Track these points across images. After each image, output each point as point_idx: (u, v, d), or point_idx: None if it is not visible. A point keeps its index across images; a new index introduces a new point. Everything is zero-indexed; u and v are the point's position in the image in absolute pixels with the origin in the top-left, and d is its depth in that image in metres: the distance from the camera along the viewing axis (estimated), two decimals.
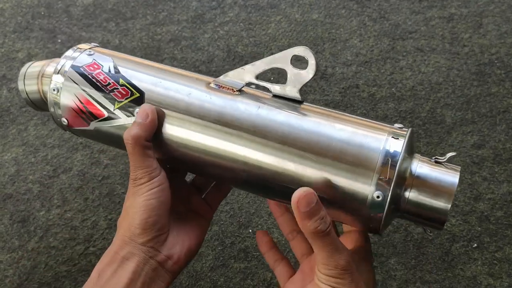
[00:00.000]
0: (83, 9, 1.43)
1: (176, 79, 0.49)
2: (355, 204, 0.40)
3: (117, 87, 0.48)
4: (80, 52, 0.51)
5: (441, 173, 0.40)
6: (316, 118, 0.43)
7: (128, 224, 0.46)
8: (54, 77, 0.50)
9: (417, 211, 0.41)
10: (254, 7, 1.39)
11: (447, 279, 0.89)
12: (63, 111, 0.50)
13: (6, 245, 0.99)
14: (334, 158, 0.40)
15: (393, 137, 0.40)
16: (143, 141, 0.46)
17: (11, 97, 1.24)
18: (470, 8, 1.32)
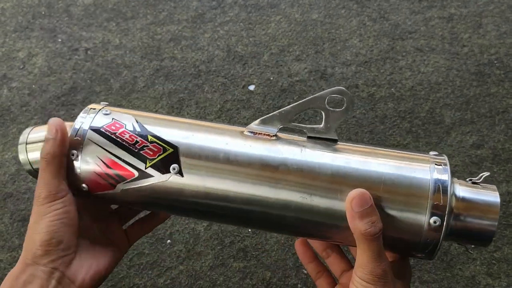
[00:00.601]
0: (84, 9, 1.43)
1: (207, 131, 0.47)
2: (412, 232, 0.41)
3: (146, 144, 0.45)
4: (95, 113, 0.48)
5: (483, 195, 0.42)
6: (359, 155, 0.44)
7: (30, 245, 0.45)
8: (72, 142, 0.46)
9: (465, 232, 0.42)
10: (254, 7, 1.39)
11: (445, 278, 0.89)
12: (83, 177, 0.46)
13: (6, 244, 0.99)
14: (386, 192, 0.41)
15: (436, 165, 0.42)
16: (61, 157, 0.45)
17: (12, 97, 1.24)
18: (469, 8, 1.32)
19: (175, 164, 0.44)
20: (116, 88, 1.24)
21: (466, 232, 0.42)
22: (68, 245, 0.46)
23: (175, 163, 0.44)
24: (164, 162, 0.44)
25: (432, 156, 0.44)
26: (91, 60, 1.30)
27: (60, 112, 1.20)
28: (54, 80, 1.27)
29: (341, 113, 0.44)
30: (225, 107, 1.17)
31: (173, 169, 0.44)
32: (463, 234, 0.43)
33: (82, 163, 0.46)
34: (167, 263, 0.94)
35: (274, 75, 1.23)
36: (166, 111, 1.18)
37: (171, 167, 0.44)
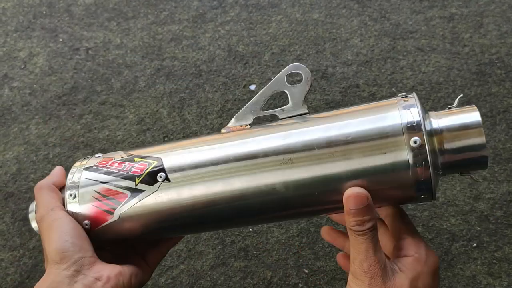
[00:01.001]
0: (85, 8, 1.43)
1: (190, 141, 0.50)
2: (400, 175, 0.41)
3: (133, 165, 0.48)
4: (88, 159, 0.52)
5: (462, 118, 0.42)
6: (329, 118, 0.45)
7: (48, 256, 0.47)
8: (68, 184, 0.50)
9: (459, 161, 0.42)
10: (255, 6, 1.39)
11: (446, 278, 0.89)
12: (84, 214, 0.49)
13: (7, 244, 0.99)
14: (360, 148, 0.41)
15: (405, 107, 0.43)
16: (48, 184, 0.51)
17: (13, 96, 1.25)
18: (470, 8, 1.32)
19: (161, 173, 0.47)
20: (117, 87, 1.24)
21: (460, 161, 0.42)
22: (84, 248, 0.47)
23: (161, 171, 0.47)
24: (151, 174, 0.47)
25: (400, 98, 0.44)
26: (92, 59, 1.31)
27: (61, 111, 1.20)
28: (55, 80, 1.27)
29: (302, 86, 0.47)
30: (226, 107, 1.17)
31: (160, 177, 0.46)
32: (458, 163, 0.42)
33: (80, 200, 0.49)
34: (168, 262, 0.94)
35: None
36: (167, 111, 1.18)
37: (157, 176, 0.47)
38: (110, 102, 1.21)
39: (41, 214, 0.48)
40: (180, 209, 0.47)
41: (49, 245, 0.46)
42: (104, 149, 1.13)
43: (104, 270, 0.46)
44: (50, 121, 1.19)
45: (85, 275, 0.45)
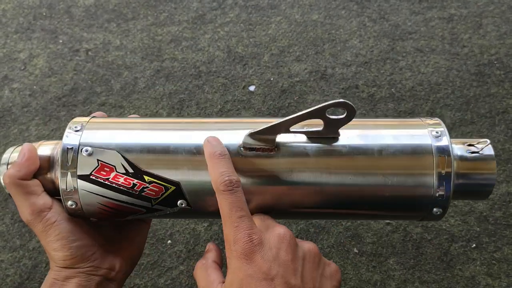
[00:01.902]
0: (85, 10, 1.44)
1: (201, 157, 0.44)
2: (422, 195, 0.43)
3: (145, 185, 0.43)
4: (76, 153, 0.44)
5: (478, 150, 0.45)
6: (356, 135, 0.45)
7: (55, 260, 0.45)
8: (65, 194, 0.44)
9: (467, 188, 0.45)
10: (254, 7, 1.39)
11: (445, 279, 0.89)
12: (90, 215, 0.46)
13: (7, 245, 0.99)
14: (392, 161, 0.43)
15: (433, 129, 0.45)
16: (16, 180, 0.43)
17: (13, 97, 1.25)
18: (469, 8, 1.32)
19: (181, 200, 0.44)
20: (117, 89, 1.24)
21: (468, 189, 0.45)
22: (90, 245, 0.46)
23: (181, 199, 0.44)
24: (169, 199, 0.44)
25: (426, 120, 0.47)
26: (92, 61, 1.31)
27: (61, 112, 1.20)
28: (55, 81, 1.27)
29: (342, 120, 0.44)
30: (225, 108, 1.18)
31: (181, 204, 0.44)
32: (466, 191, 0.45)
33: (85, 209, 0.45)
34: (168, 263, 0.94)
35: (274, 75, 1.23)
36: (166, 112, 1.18)
37: (178, 202, 0.44)
38: (110, 103, 1.21)
39: (27, 219, 0.44)
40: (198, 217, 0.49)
41: (54, 252, 0.44)
42: None
43: (115, 258, 0.47)
44: (50, 122, 1.19)
45: (99, 268, 0.45)
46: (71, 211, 0.45)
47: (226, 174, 0.40)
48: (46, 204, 0.44)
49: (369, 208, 0.45)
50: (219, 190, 0.40)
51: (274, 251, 0.38)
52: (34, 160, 0.45)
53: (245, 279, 0.37)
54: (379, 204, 0.44)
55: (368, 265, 0.92)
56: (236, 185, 0.40)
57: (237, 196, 0.39)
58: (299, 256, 0.39)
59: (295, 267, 0.38)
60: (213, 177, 0.40)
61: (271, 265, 0.37)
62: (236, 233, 0.38)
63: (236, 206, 0.39)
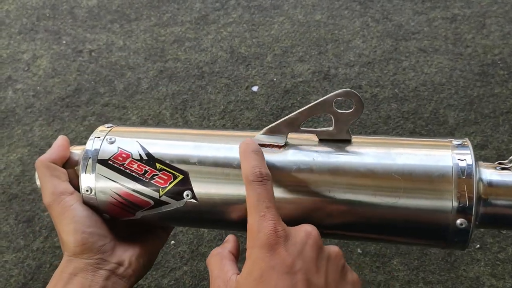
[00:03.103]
0: (88, 11, 1.44)
1: (214, 150, 0.46)
2: (440, 221, 0.40)
3: (156, 173, 0.45)
4: (101, 141, 0.48)
5: (508, 176, 0.41)
6: (376, 150, 0.43)
7: (66, 245, 0.45)
8: (83, 178, 0.47)
9: (496, 217, 0.41)
10: (257, 8, 1.39)
11: (450, 279, 0.89)
12: (103, 208, 0.47)
13: (11, 245, 1.00)
14: (409, 183, 0.40)
15: (458, 149, 0.41)
16: (47, 161, 0.46)
17: (17, 98, 1.25)
18: (473, 8, 1.32)
19: (188, 191, 0.45)
20: (120, 89, 1.24)
21: (499, 218, 0.41)
22: (103, 234, 0.46)
23: (187, 189, 0.45)
24: (176, 189, 0.45)
25: (453, 141, 0.43)
26: (95, 61, 1.31)
27: (65, 113, 1.21)
28: (58, 82, 1.27)
29: (351, 114, 0.43)
30: (228, 108, 1.18)
31: (187, 196, 0.45)
32: (496, 220, 0.42)
33: (98, 197, 0.46)
34: (171, 263, 0.94)
35: (277, 76, 1.23)
36: (169, 113, 1.18)
37: (184, 193, 0.45)
38: (113, 103, 1.21)
39: (48, 200, 0.46)
40: (204, 220, 0.48)
41: (66, 236, 0.45)
42: None
43: (125, 254, 0.47)
44: (53, 123, 1.19)
45: (108, 262, 0.45)
46: (86, 199, 0.47)
47: (257, 167, 0.40)
48: (68, 189, 0.46)
49: (375, 231, 0.43)
50: (249, 180, 0.39)
51: (299, 246, 0.37)
52: (65, 148, 0.48)
53: (266, 270, 0.36)
54: (388, 227, 0.42)
55: (372, 265, 0.92)
56: (267, 177, 0.40)
57: (267, 188, 0.39)
58: (324, 256, 0.38)
59: (319, 266, 0.37)
60: (245, 169, 0.40)
61: (295, 259, 0.36)
62: (261, 222, 0.38)
63: (264, 197, 0.39)
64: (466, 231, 0.39)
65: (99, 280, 0.44)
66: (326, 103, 0.42)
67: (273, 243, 0.37)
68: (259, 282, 0.36)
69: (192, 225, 0.51)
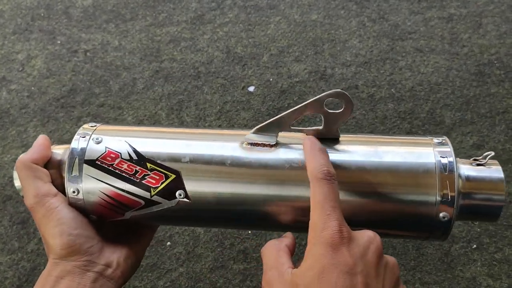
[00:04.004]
0: (83, 11, 1.43)
1: (206, 148, 0.46)
2: (424, 215, 0.42)
3: (147, 173, 0.44)
4: (86, 141, 0.46)
5: (487, 172, 0.44)
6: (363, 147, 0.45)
7: (51, 248, 0.44)
8: (69, 179, 0.45)
9: (474, 210, 0.44)
10: (253, 8, 1.39)
11: (446, 280, 0.89)
12: (90, 209, 0.46)
13: (5, 247, 0.99)
14: (395, 180, 0.42)
15: (439, 147, 0.44)
16: (28, 162, 0.44)
17: (11, 99, 1.24)
18: (469, 8, 1.32)
19: (180, 190, 0.44)
20: (115, 89, 1.23)
21: (475, 210, 0.44)
22: (90, 236, 0.45)
23: (180, 189, 0.44)
24: (168, 188, 0.44)
25: (434, 140, 0.46)
26: (90, 62, 1.30)
27: (59, 114, 1.20)
28: (53, 82, 1.27)
29: (341, 114, 0.44)
30: (224, 109, 1.17)
31: (179, 195, 0.44)
32: (472, 212, 0.44)
33: (86, 198, 0.45)
34: (167, 265, 0.94)
35: (273, 76, 1.22)
36: (165, 113, 1.18)
37: (176, 193, 0.44)
38: (109, 104, 1.21)
39: (31, 202, 0.44)
40: (196, 219, 0.47)
41: (52, 239, 0.43)
42: None
43: (113, 256, 0.46)
44: (48, 123, 1.19)
45: (95, 263, 0.44)
46: (72, 200, 0.45)
47: (325, 165, 0.40)
48: (51, 190, 0.45)
49: (363, 226, 0.43)
50: (317, 177, 0.39)
51: (362, 249, 0.37)
52: (47, 147, 0.47)
53: (327, 267, 0.36)
54: (376, 222, 0.43)
55: None
56: (334, 177, 0.40)
57: (334, 187, 0.39)
58: (383, 264, 0.39)
59: (379, 272, 0.38)
60: (312, 166, 0.40)
61: (357, 261, 0.37)
62: (327, 220, 0.38)
63: (331, 196, 0.39)
64: (449, 222, 0.42)
65: (86, 283, 0.43)
66: (317, 103, 0.43)
67: (337, 242, 0.37)
68: (319, 277, 0.36)
69: (182, 223, 0.50)
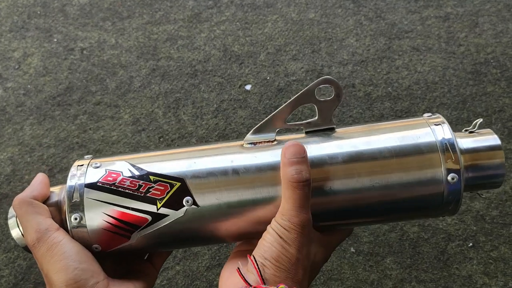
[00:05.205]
0: (79, 8, 1.43)
1: (207, 154, 0.45)
2: (433, 194, 0.43)
3: (151, 185, 0.43)
4: (85, 168, 0.45)
5: (484, 141, 0.45)
6: (362, 136, 0.45)
7: (55, 284, 0.41)
8: (71, 206, 0.43)
9: (477, 180, 0.45)
10: (250, 6, 1.39)
11: (442, 278, 0.89)
12: (93, 238, 0.43)
13: (2, 245, 0.99)
14: (399, 163, 0.43)
15: (436, 125, 0.44)
16: (28, 198, 0.43)
17: (7, 97, 1.24)
18: (466, 7, 1.32)
19: (187, 197, 0.43)
20: (112, 88, 1.23)
21: (478, 180, 0.45)
22: (96, 271, 0.43)
23: (186, 195, 0.43)
24: (175, 198, 0.43)
25: (428, 118, 0.46)
26: (87, 60, 1.30)
27: (56, 112, 1.20)
28: (49, 80, 1.26)
29: (332, 101, 0.45)
30: (221, 107, 1.17)
31: (187, 202, 0.43)
32: (476, 182, 0.45)
33: (89, 224, 0.43)
34: (164, 263, 0.94)
35: (270, 74, 1.22)
36: (162, 111, 1.17)
37: (184, 200, 0.43)
38: (105, 102, 1.20)
39: (32, 238, 0.42)
40: (208, 232, 0.45)
41: (56, 274, 0.41)
42: (99, 149, 1.12)
43: None
44: (44, 121, 1.18)
45: None
46: (75, 230, 0.43)
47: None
48: (53, 225, 0.43)
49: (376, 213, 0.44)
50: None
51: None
52: (46, 185, 0.46)
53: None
54: (388, 206, 0.44)
55: (365, 264, 0.92)
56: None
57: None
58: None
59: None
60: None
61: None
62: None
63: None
64: (458, 195, 0.43)
65: None
66: (308, 94, 0.44)
67: None
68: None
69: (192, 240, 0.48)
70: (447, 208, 0.44)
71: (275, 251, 0.40)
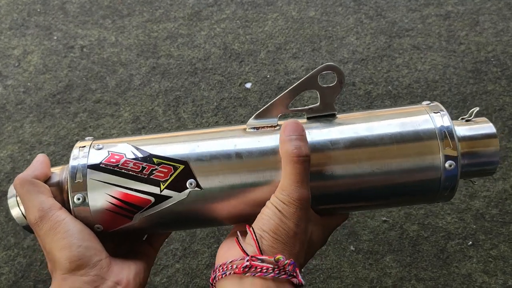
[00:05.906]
0: (79, 6, 1.42)
1: (210, 137, 0.45)
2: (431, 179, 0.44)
3: (154, 167, 0.43)
4: (87, 149, 0.45)
5: (480, 129, 0.46)
6: (363, 122, 0.46)
7: (59, 264, 0.41)
8: (73, 186, 0.43)
9: (472, 167, 0.46)
10: (250, 4, 1.38)
11: (442, 276, 0.89)
12: (95, 218, 0.44)
13: (1, 243, 0.99)
14: (400, 149, 0.44)
15: (435, 113, 0.45)
16: (30, 178, 0.43)
17: (7, 94, 1.24)
18: (466, 5, 1.32)
19: (191, 179, 0.43)
20: (112, 86, 1.23)
21: (474, 167, 0.46)
22: (98, 249, 0.43)
23: (190, 178, 0.43)
24: (178, 180, 0.43)
25: (427, 106, 0.47)
26: (87, 57, 1.30)
27: (56, 110, 1.19)
28: (49, 78, 1.26)
29: (335, 87, 0.46)
30: (221, 105, 1.17)
31: (190, 184, 0.43)
32: (471, 169, 0.46)
33: (92, 205, 0.43)
34: (164, 261, 0.94)
35: (270, 72, 1.22)
36: (162, 109, 1.17)
37: (187, 182, 0.43)
38: (105, 100, 1.20)
39: (35, 217, 0.42)
40: (209, 214, 0.45)
41: (60, 252, 0.41)
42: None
43: (122, 272, 0.44)
44: (44, 119, 1.18)
45: (105, 280, 0.42)
46: (77, 210, 0.44)
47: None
48: (55, 204, 0.44)
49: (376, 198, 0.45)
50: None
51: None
52: (47, 165, 0.46)
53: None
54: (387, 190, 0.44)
55: (365, 262, 0.92)
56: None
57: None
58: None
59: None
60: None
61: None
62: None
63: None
64: (454, 181, 0.44)
65: None
66: (311, 80, 0.45)
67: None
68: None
69: (193, 222, 0.49)
70: (443, 194, 0.45)
71: (273, 224, 0.40)
